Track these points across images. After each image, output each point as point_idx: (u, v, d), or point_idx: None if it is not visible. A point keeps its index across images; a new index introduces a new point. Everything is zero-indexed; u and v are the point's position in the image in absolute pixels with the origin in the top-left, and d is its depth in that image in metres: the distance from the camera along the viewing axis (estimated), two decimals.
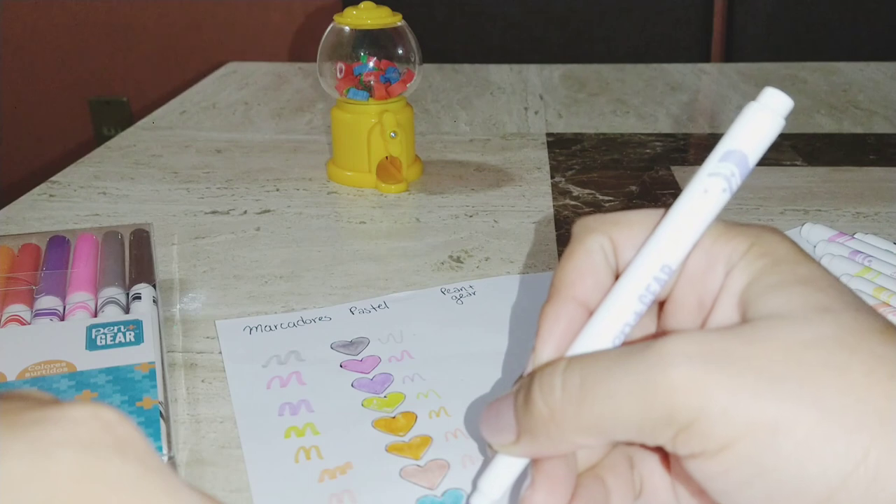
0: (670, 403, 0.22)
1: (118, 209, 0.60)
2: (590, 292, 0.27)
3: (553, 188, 0.63)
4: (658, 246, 0.26)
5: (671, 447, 0.23)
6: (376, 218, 0.58)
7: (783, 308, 0.23)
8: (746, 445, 0.21)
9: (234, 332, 0.43)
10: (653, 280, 0.25)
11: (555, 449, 0.25)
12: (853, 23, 1.25)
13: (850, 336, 0.22)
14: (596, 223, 0.28)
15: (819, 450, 0.21)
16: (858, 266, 0.46)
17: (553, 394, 0.24)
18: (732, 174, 0.25)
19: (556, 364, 0.25)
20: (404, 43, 0.62)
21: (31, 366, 0.37)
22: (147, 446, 0.20)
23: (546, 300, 0.28)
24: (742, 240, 0.25)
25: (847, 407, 0.21)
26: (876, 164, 0.68)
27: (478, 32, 1.27)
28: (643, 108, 0.86)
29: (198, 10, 1.73)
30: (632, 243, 0.27)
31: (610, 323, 0.26)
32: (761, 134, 0.25)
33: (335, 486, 0.32)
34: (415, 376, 0.39)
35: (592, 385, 0.23)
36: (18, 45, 1.78)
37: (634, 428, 0.23)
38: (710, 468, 0.22)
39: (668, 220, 0.26)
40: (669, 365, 0.22)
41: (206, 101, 0.89)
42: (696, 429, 0.22)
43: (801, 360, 0.22)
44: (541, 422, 0.24)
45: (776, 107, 0.25)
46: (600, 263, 0.27)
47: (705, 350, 0.22)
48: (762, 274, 0.24)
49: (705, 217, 0.25)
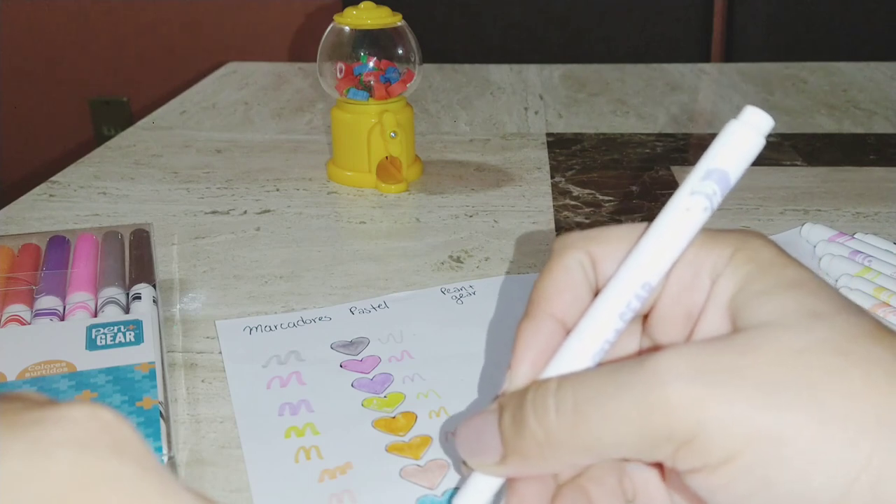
0: (669, 421, 0.22)
1: (118, 209, 0.60)
2: (567, 309, 0.27)
3: (553, 188, 0.63)
4: (639, 263, 0.25)
5: (671, 463, 0.23)
6: (376, 218, 0.58)
7: (774, 315, 0.23)
8: (748, 458, 0.21)
9: (234, 332, 0.43)
10: (633, 297, 0.25)
11: (546, 469, 0.25)
12: (853, 23, 1.25)
13: (844, 340, 0.22)
14: (574, 240, 0.27)
15: (822, 458, 0.21)
16: (858, 266, 0.46)
17: (547, 416, 0.24)
18: (714, 192, 0.25)
19: (547, 385, 0.24)
20: (404, 43, 0.62)
21: (31, 366, 0.37)
22: (144, 447, 0.20)
23: (522, 317, 0.27)
24: (725, 247, 0.25)
25: (847, 413, 0.21)
26: (876, 164, 0.68)
27: (478, 32, 1.27)
28: (643, 108, 0.86)
29: (198, 10, 1.73)
30: (611, 259, 0.27)
31: (589, 340, 0.25)
32: (742, 152, 0.25)
33: (335, 486, 0.32)
34: (415, 376, 0.39)
35: (587, 406, 0.23)
36: (18, 45, 1.78)
37: (632, 447, 0.23)
38: (712, 482, 0.22)
39: (649, 237, 0.26)
40: (665, 382, 0.22)
41: (206, 101, 0.89)
42: (696, 444, 0.22)
43: (798, 368, 0.22)
44: (534, 444, 0.24)
45: (757, 125, 0.25)
46: (579, 280, 0.27)
47: (700, 364, 0.22)
48: (749, 280, 0.24)
49: (687, 235, 0.25)
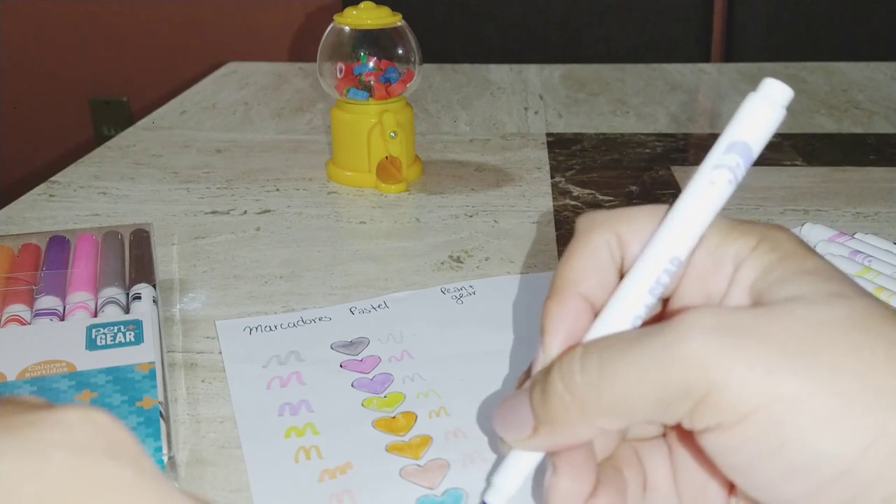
0: (686, 375, 0.22)
1: (118, 209, 0.60)
2: (595, 289, 0.27)
3: (553, 188, 0.63)
4: (667, 238, 0.26)
5: (688, 423, 0.23)
6: (376, 218, 0.58)
7: (797, 293, 0.23)
8: (763, 418, 0.21)
9: (234, 333, 0.43)
10: (663, 272, 0.25)
11: (575, 436, 0.25)
12: (853, 23, 1.25)
13: (863, 319, 0.22)
14: (601, 218, 0.28)
15: (836, 424, 0.21)
16: (858, 266, 0.46)
17: (573, 378, 0.24)
18: (738, 165, 0.25)
19: (574, 350, 0.25)
20: (404, 43, 0.62)
21: (31, 366, 0.37)
22: (140, 450, 0.20)
23: (549, 296, 0.27)
24: (750, 237, 0.26)
25: (864, 384, 0.21)
26: (876, 164, 0.68)
27: (478, 32, 1.27)
28: (643, 108, 0.86)
29: (198, 10, 1.73)
30: (637, 238, 0.27)
31: (622, 315, 0.26)
32: (763, 124, 0.25)
33: (335, 486, 0.32)
34: (415, 376, 0.39)
35: (611, 366, 0.23)
36: (18, 45, 1.78)
37: (653, 404, 0.23)
38: (726, 442, 0.22)
39: (675, 213, 0.26)
40: (687, 337, 0.22)
41: (206, 101, 0.89)
42: (712, 401, 0.22)
43: (818, 339, 0.22)
44: (562, 409, 0.24)
45: (777, 97, 0.25)
46: (605, 260, 0.27)
47: (723, 322, 0.22)
48: (772, 267, 0.25)
49: (712, 208, 0.26)
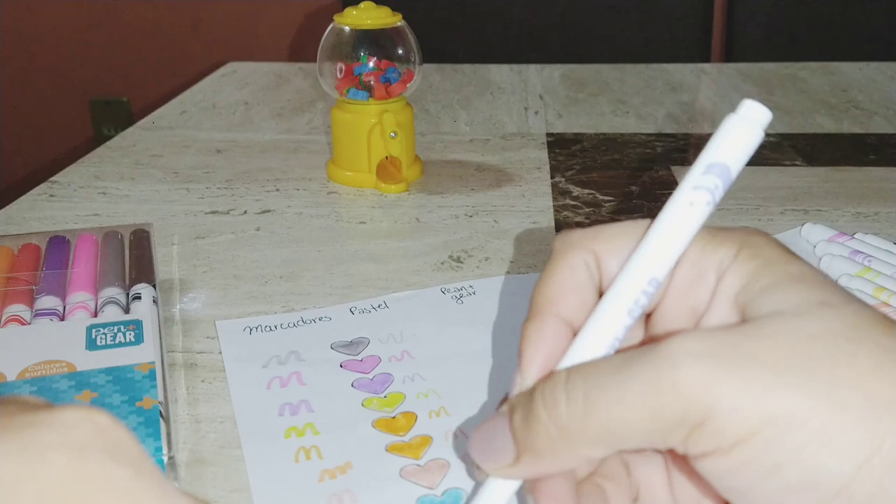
0: (681, 403, 0.22)
1: (118, 209, 0.60)
2: (573, 310, 0.26)
3: (553, 188, 0.63)
4: (645, 259, 0.25)
5: (683, 448, 0.22)
6: (376, 218, 0.58)
7: (784, 304, 0.23)
8: (760, 440, 0.21)
9: (234, 333, 0.43)
10: (641, 294, 0.25)
11: (559, 465, 0.25)
12: (853, 23, 1.25)
13: (853, 329, 0.22)
14: (578, 238, 0.27)
15: (834, 440, 0.21)
16: (858, 266, 0.46)
17: (558, 407, 0.23)
18: (716, 187, 0.25)
19: (556, 377, 0.24)
20: (404, 43, 0.62)
21: (31, 366, 0.37)
22: (139, 450, 0.20)
23: (527, 318, 0.27)
24: (730, 245, 0.25)
25: (859, 397, 0.21)
26: (876, 164, 0.68)
27: (478, 32, 1.27)
28: (643, 108, 0.86)
29: (198, 10, 1.73)
30: (615, 257, 0.27)
31: (599, 337, 0.25)
32: (742, 146, 0.25)
33: (335, 485, 0.32)
34: (415, 376, 0.39)
35: (598, 393, 0.23)
36: (18, 45, 1.78)
37: (645, 433, 0.22)
38: (723, 466, 0.22)
39: (654, 233, 0.26)
40: (676, 365, 0.22)
41: (206, 101, 0.89)
42: (708, 427, 0.21)
43: (809, 353, 0.22)
44: (545, 438, 0.24)
45: (756, 118, 0.25)
46: (584, 280, 0.27)
47: (711, 347, 0.22)
48: (756, 275, 0.24)
49: (690, 229, 0.25)
